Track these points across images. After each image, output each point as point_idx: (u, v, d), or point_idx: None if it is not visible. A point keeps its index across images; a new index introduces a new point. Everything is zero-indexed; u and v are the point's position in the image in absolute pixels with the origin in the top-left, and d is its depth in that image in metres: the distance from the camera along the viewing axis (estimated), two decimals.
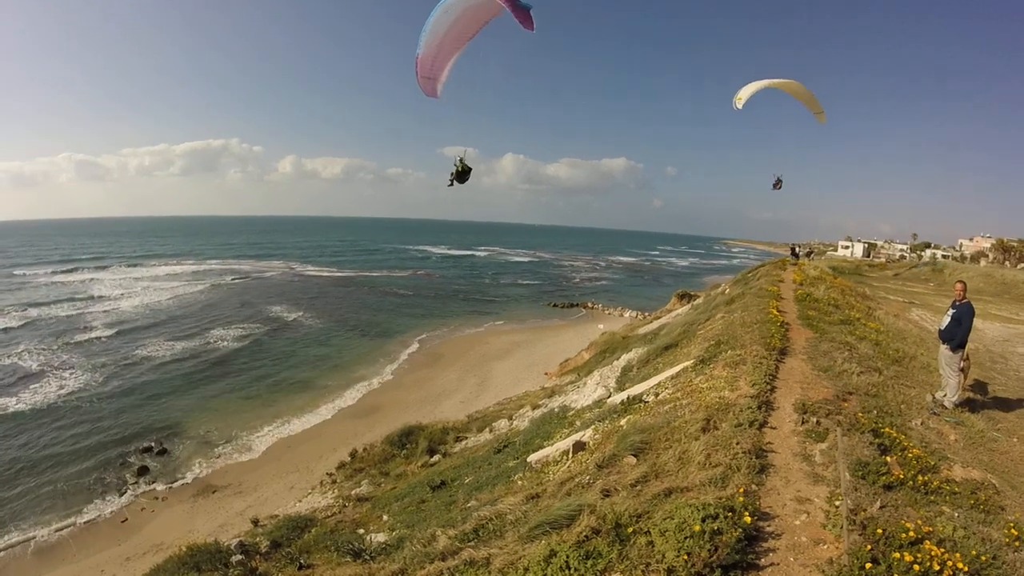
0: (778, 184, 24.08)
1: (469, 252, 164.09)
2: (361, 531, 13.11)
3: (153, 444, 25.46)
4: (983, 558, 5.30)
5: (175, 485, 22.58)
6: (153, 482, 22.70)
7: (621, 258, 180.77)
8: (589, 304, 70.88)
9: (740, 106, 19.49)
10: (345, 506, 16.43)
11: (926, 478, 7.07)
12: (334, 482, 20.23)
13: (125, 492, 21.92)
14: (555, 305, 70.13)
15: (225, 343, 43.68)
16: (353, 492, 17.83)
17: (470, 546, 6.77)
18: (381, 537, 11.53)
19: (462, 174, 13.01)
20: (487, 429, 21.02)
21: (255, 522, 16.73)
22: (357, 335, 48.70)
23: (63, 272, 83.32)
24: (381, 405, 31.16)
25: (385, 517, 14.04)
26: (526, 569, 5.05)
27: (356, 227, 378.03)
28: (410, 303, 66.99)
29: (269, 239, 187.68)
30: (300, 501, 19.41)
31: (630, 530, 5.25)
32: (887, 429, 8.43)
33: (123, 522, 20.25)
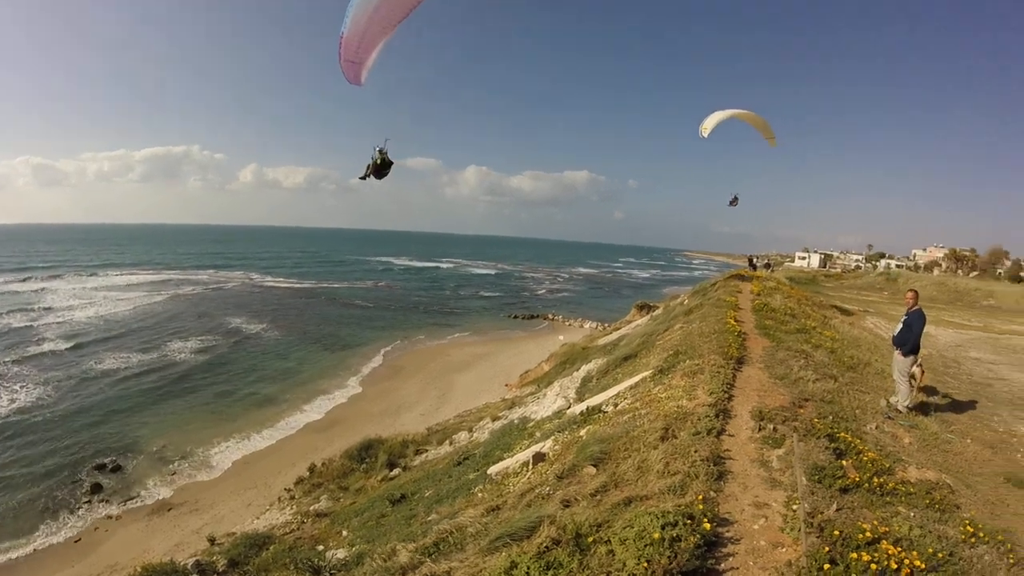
0: (734, 201, 24.68)
1: (431, 264, 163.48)
2: (320, 547, 12.92)
3: (107, 462, 24.67)
4: (940, 555, 5.40)
5: (130, 504, 21.96)
6: (107, 501, 22.01)
7: (582, 270, 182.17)
8: (550, 316, 71.25)
9: (706, 135, 19.96)
10: (304, 522, 16.18)
11: (882, 480, 7.21)
12: (292, 498, 19.90)
13: (78, 512, 21.22)
14: (516, 317, 70.25)
15: (183, 356, 42.72)
16: (312, 508, 17.57)
17: (431, 560, 6.70)
18: (341, 553, 11.38)
19: (381, 168, 11.85)
20: (447, 442, 20.89)
21: (212, 540, 16.35)
22: (317, 348, 48.09)
23: (17, 281, 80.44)
24: (341, 419, 30.82)
25: (345, 532, 13.86)
26: None
27: (318, 237, 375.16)
28: (371, 315, 66.51)
29: (229, 249, 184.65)
30: (258, 518, 19.04)
31: (590, 539, 5.23)
32: (842, 434, 8.59)
33: (76, 542, 19.64)
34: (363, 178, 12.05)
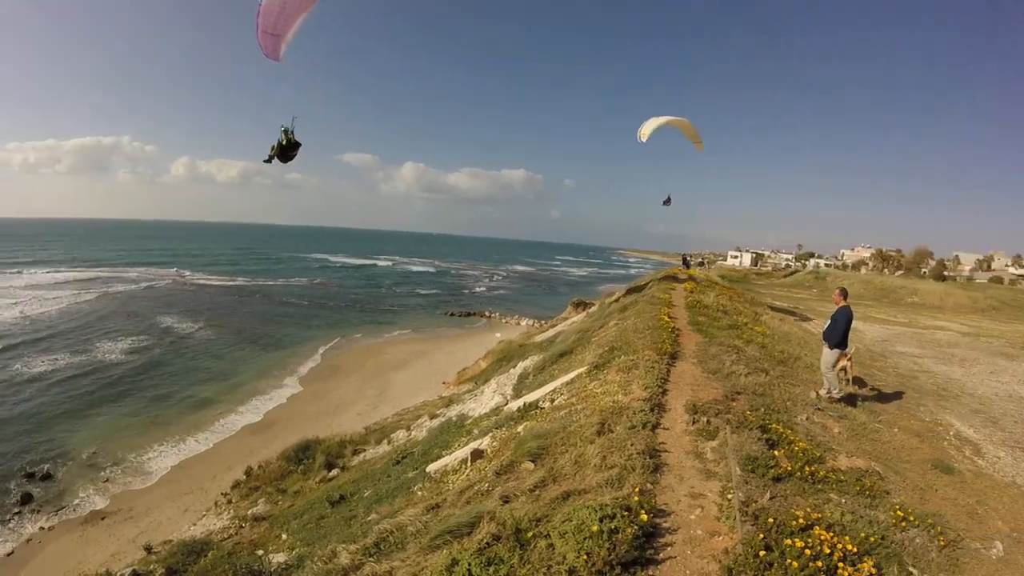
0: (667, 201, 25.23)
1: (368, 261, 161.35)
2: (260, 552, 12.64)
3: (37, 471, 23.49)
4: (872, 539, 5.62)
5: (63, 513, 20.99)
6: (39, 511, 20.97)
7: (519, 267, 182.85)
8: (487, 313, 71.46)
9: (644, 140, 20.44)
10: (242, 527, 15.83)
11: (813, 468, 7.41)
12: (229, 502, 19.42)
13: (9, 524, 20.17)
14: (453, 315, 70.12)
15: (114, 358, 41.03)
16: (250, 512, 17.19)
17: (372, 560, 6.65)
18: (281, 557, 11.19)
19: (287, 149, 11.05)
20: (385, 440, 20.67)
21: (148, 549, 15.85)
22: (252, 347, 47.01)
23: None
24: (277, 420, 30.21)
25: (284, 536, 13.60)
26: None
27: (252, 234, 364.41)
28: (307, 313, 65.43)
29: (161, 245, 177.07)
30: (195, 524, 18.52)
31: (530, 534, 5.25)
32: (774, 425, 8.81)
33: (8, 555, 18.71)
34: (268, 161, 11.35)
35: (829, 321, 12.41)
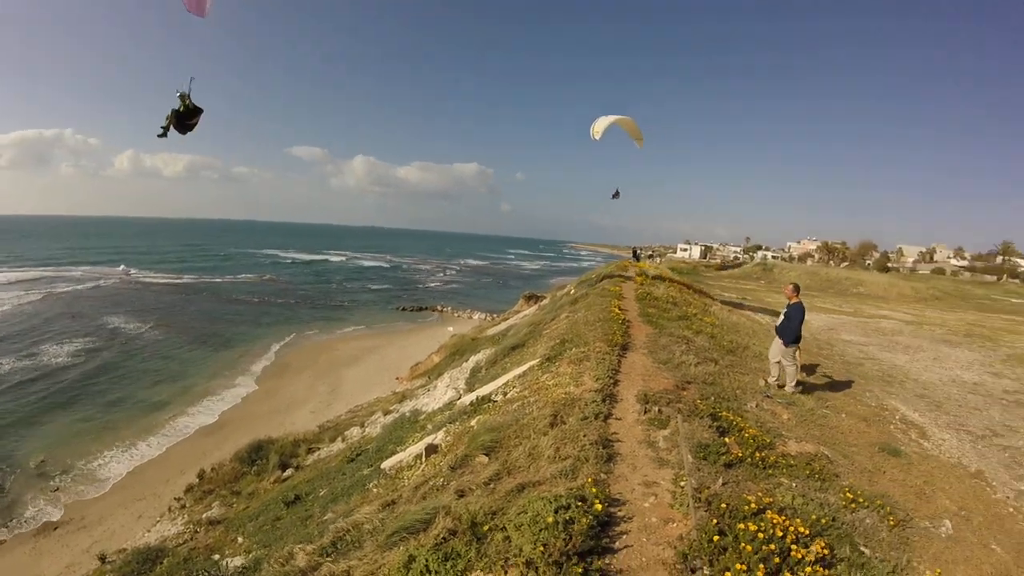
0: (616, 195, 25.54)
1: (318, 256, 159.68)
2: (216, 557, 12.45)
3: None
4: (823, 521, 5.75)
5: (13, 526, 20.22)
6: None
7: (471, 261, 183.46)
8: (439, 307, 71.47)
9: (598, 138, 20.89)
10: (197, 531, 15.55)
11: (763, 454, 7.56)
12: (183, 507, 19.07)
13: None
14: (405, 309, 70.06)
15: (60, 361, 39.62)
16: (204, 515, 16.92)
17: (329, 561, 6.59)
18: (238, 561, 11.05)
19: (184, 117, 9.40)
20: (339, 438, 20.52)
21: (103, 559, 15.51)
22: (202, 347, 46.02)
23: None
24: (230, 420, 29.70)
25: (240, 539, 13.41)
26: None
27: (200, 229, 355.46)
28: (257, 310, 64.38)
29: (106, 243, 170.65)
30: (149, 531, 18.11)
31: (486, 528, 5.25)
32: (724, 413, 8.97)
33: None
34: (163, 134, 9.71)
35: (783, 318, 12.63)
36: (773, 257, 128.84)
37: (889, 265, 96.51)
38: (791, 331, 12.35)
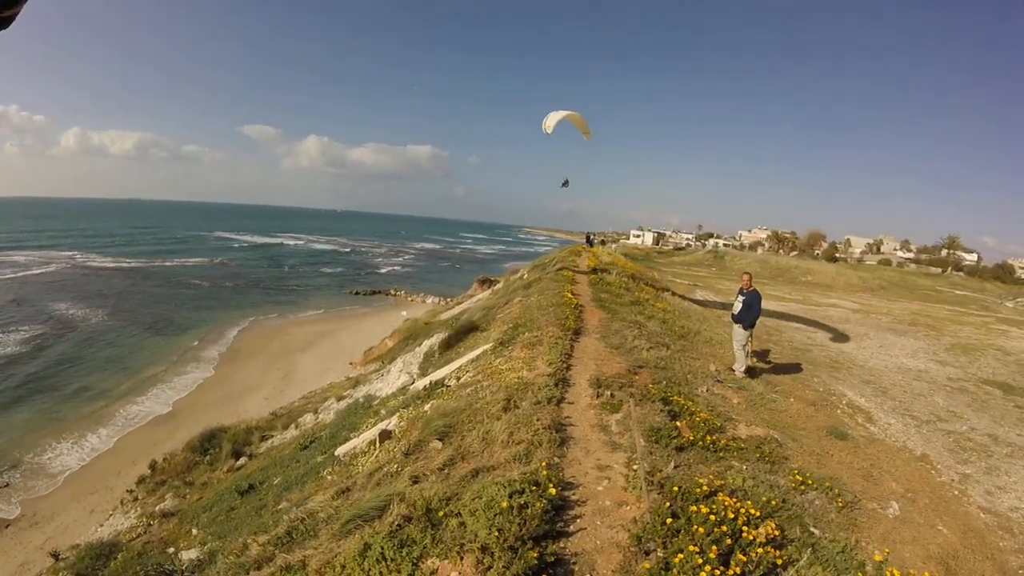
0: (566, 183, 25.93)
1: (270, 239, 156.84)
2: (171, 550, 12.26)
3: None
4: (773, 503, 5.86)
5: None
6: None
7: (425, 245, 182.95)
8: (393, 291, 71.32)
9: (550, 132, 21.28)
10: (151, 524, 15.27)
11: (714, 438, 7.68)
12: (136, 499, 18.66)
13: None
14: (359, 293, 69.69)
15: (5, 351, 38.22)
16: (158, 508, 16.61)
17: (284, 551, 6.54)
18: (193, 554, 10.92)
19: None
20: (293, 425, 20.34)
21: (56, 556, 15.11)
22: (152, 333, 44.97)
23: None
24: (181, 409, 29.14)
25: (195, 531, 13.22)
26: (342, 566, 4.94)
27: (149, 211, 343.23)
28: (207, 295, 63.07)
29: (51, 225, 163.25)
30: (102, 525, 17.68)
31: (441, 514, 5.26)
32: (676, 397, 9.10)
33: None
34: None
35: (739, 304, 12.91)
36: (724, 245, 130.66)
37: (837, 255, 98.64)
38: (751, 317, 12.66)
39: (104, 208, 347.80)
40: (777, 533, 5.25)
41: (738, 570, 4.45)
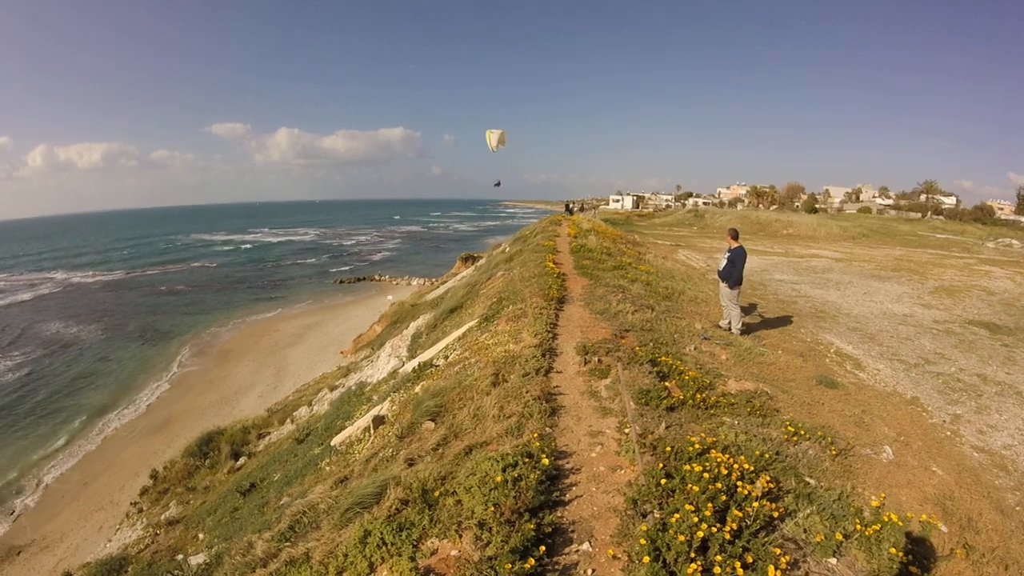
0: (498, 184, 26.37)
1: (248, 236, 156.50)
2: (180, 556, 12.27)
3: None
4: (767, 456, 5.88)
5: None
6: None
7: (405, 228, 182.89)
8: (377, 277, 71.76)
9: (494, 150, 22.30)
10: (157, 534, 15.29)
11: (704, 395, 7.71)
12: (141, 511, 18.71)
13: None
14: (343, 282, 70.14)
15: None
16: (163, 516, 16.63)
17: (288, 545, 6.56)
18: (200, 558, 10.92)
19: None
20: (289, 420, 20.39)
21: None
22: (137, 343, 44.91)
23: None
24: (175, 416, 29.10)
25: (201, 535, 13.26)
26: (344, 555, 4.96)
27: (123, 221, 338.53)
28: (190, 299, 62.93)
29: (23, 248, 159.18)
30: (110, 540, 17.70)
31: (437, 494, 5.28)
32: (663, 358, 9.11)
33: None
34: None
35: (724, 262, 12.91)
36: (704, 204, 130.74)
37: (817, 206, 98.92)
38: (735, 274, 12.69)
39: (79, 223, 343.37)
40: (772, 486, 5.26)
41: (735, 526, 4.45)
